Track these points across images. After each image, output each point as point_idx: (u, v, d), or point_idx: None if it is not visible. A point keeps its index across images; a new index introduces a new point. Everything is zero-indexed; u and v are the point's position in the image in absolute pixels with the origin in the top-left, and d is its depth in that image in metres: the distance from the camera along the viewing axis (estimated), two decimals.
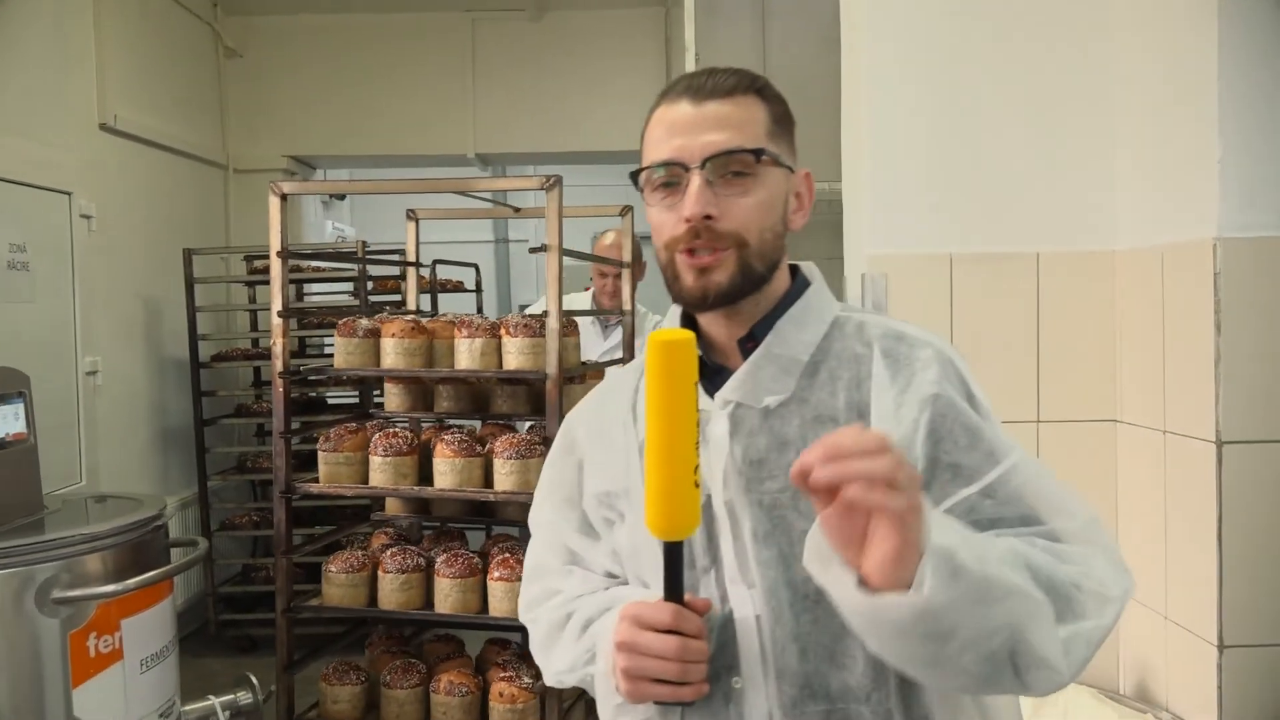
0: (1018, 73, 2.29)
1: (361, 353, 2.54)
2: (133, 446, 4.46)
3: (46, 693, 1.97)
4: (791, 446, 1.08)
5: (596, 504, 1.22)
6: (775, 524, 1.08)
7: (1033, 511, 1.03)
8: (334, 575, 2.52)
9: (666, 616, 1.02)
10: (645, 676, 1.03)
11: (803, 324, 1.14)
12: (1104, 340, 2.30)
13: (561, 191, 2.42)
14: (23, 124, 3.67)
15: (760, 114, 1.11)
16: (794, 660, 1.07)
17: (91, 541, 2.03)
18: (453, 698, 2.44)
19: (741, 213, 1.08)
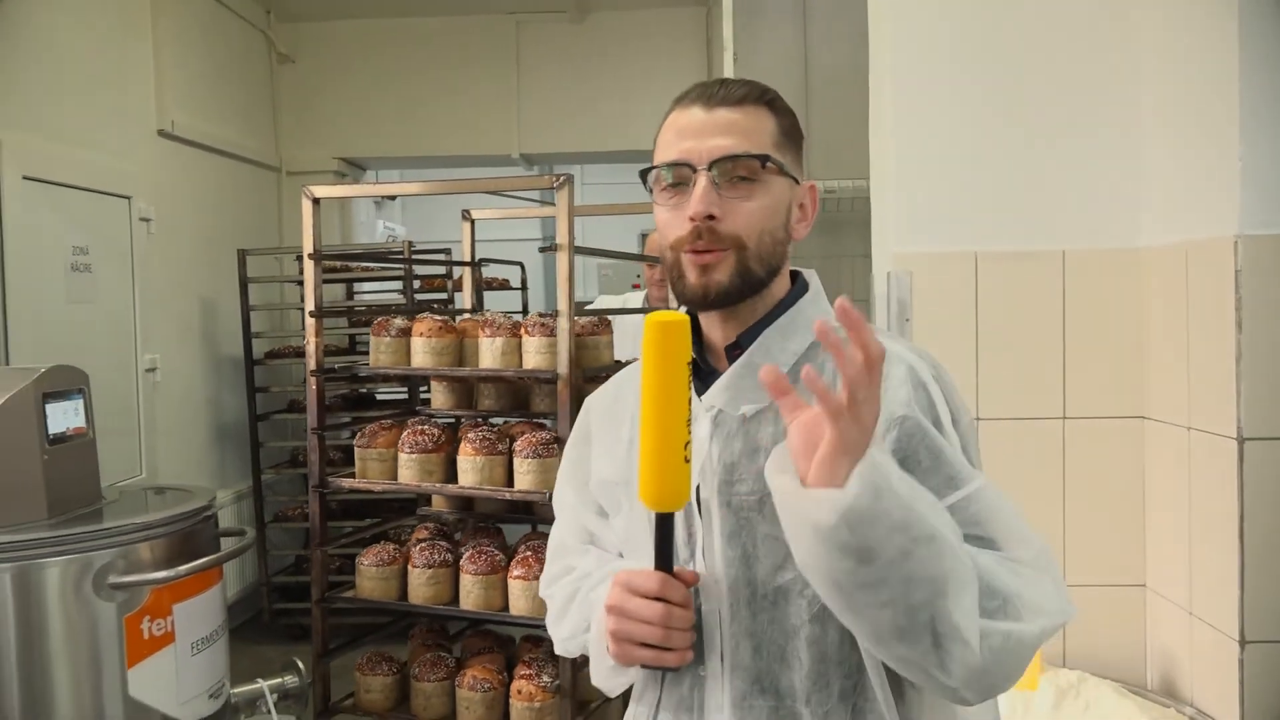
0: (1043, 72, 2.30)
1: (393, 351, 2.57)
2: (190, 441, 4.63)
3: (104, 672, 2.09)
4: (762, 452, 1.11)
5: (601, 490, 1.27)
6: (741, 525, 1.12)
7: (989, 536, 1.05)
8: (365, 568, 2.57)
9: (654, 584, 1.06)
10: (631, 640, 1.08)
11: (789, 333, 1.17)
12: (1131, 337, 2.31)
13: (572, 190, 2.44)
14: (86, 133, 3.83)
15: (769, 124, 1.15)
16: (747, 656, 1.12)
17: (145, 530, 2.14)
18: (475, 692, 2.47)
19: (743, 216, 1.11)
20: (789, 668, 1.11)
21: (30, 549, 2.03)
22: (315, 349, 2.64)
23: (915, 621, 0.94)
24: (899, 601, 0.93)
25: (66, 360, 2.37)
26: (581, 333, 2.55)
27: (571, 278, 2.41)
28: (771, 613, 1.11)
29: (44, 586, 2.04)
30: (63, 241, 3.58)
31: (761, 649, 1.11)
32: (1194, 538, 2.11)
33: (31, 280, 3.37)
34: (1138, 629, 2.30)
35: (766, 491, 1.07)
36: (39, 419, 2.14)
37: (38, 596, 2.03)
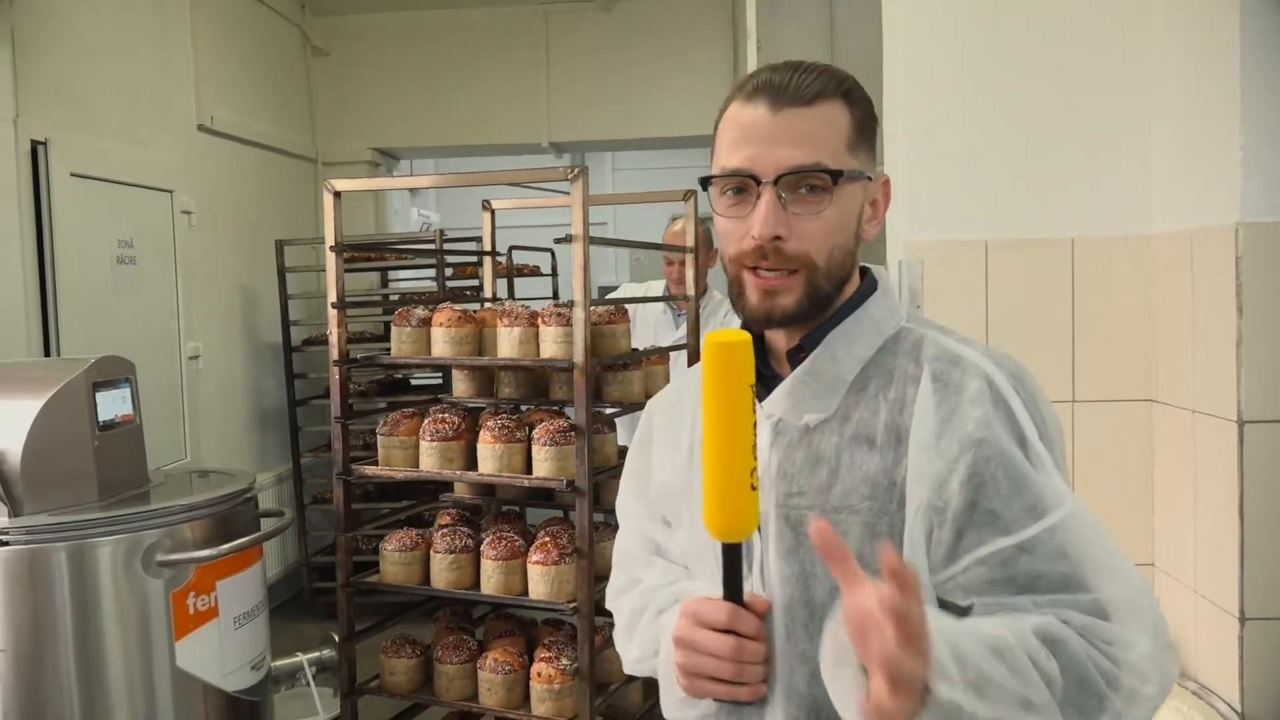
0: (1053, 62, 2.35)
1: (414, 341, 2.58)
2: (232, 425, 4.78)
3: (153, 644, 2.21)
4: (824, 465, 1.04)
5: (662, 497, 1.21)
6: (800, 541, 1.04)
7: (1077, 573, 0.95)
8: (389, 553, 2.60)
9: (723, 616, 1.00)
10: (701, 674, 1.02)
11: (855, 338, 1.08)
12: (1139, 322, 2.36)
13: (587, 181, 2.41)
14: (129, 129, 3.97)
15: (843, 122, 1.04)
16: (802, 682, 1.03)
17: (190, 511, 2.27)
18: (496, 674, 2.50)
19: (812, 234, 1.02)
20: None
21: (83, 529, 2.16)
22: (338, 339, 2.65)
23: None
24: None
25: (113, 349, 2.50)
26: (599, 321, 2.57)
27: (587, 267, 2.41)
28: None
29: (96, 564, 2.16)
30: (108, 235, 3.72)
31: (818, 676, 0.98)
32: (1198, 518, 2.17)
33: (80, 273, 3.51)
34: None
35: (827, 506, 1.03)
36: (90, 407, 2.26)
37: (90, 573, 2.16)
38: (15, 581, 2.11)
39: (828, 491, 1.04)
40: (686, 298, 3.02)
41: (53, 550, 2.12)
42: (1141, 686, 0.93)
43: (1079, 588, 0.94)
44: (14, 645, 2.11)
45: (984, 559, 0.97)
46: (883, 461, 1.02)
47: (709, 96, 5.74)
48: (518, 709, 2.52)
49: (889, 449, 1.02)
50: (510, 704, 2.52)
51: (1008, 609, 0.95)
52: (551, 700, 2.47)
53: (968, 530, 0.98)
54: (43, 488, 2.18)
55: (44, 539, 2.12)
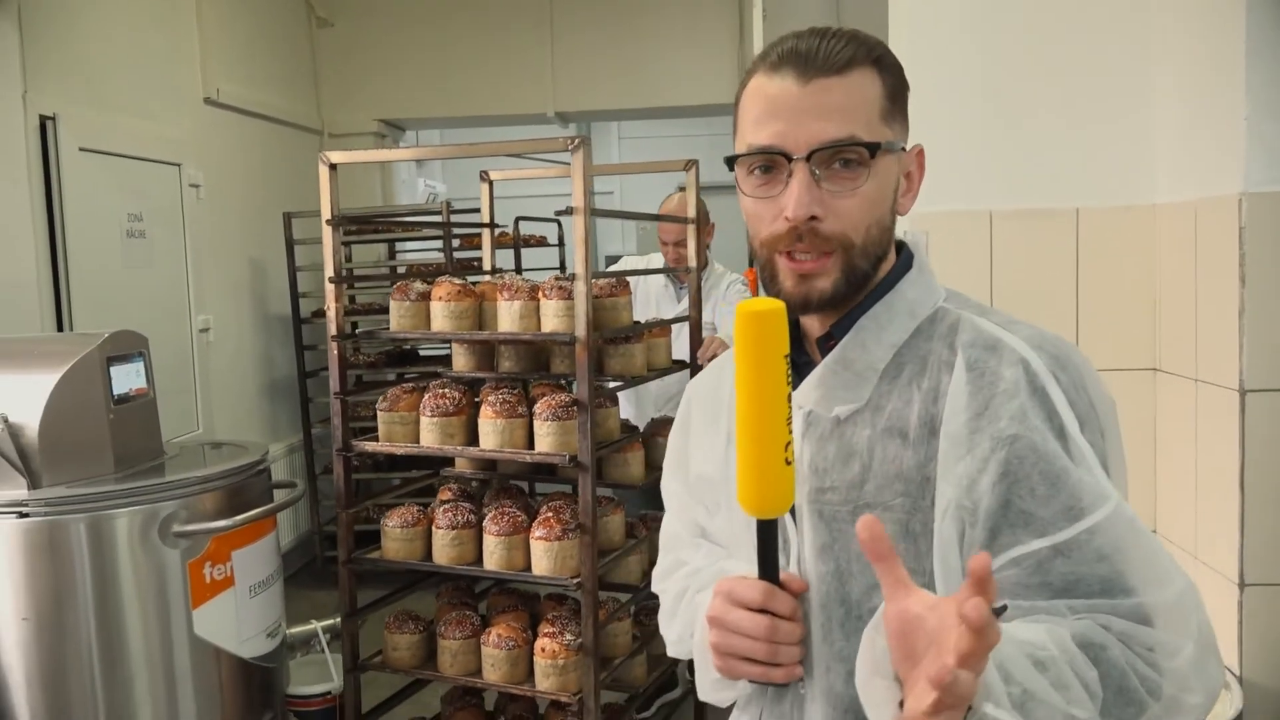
0: (1057, 31, 2.34)
1: (412, 315, 2.53)
2: (243, 397, 4.83)
3: (171, 613, 2.26)
4: (857, 459, 1.00)
5: (700, 484, 1.18)
6: (835, 537, 1.00)
7: (1117, 577, 0.89)
8: (390, 529, 2.55)
9: (758, 595, 0.96)
10: (736, 654, 0.99)
11: (886, 322, 1.01)
12: (1143, 292, 2.37)
13: (588, 151, 2.35)
14: (136, 103, 3.98)
15: (875, 91, 0.97)
16: (839, 682, 0.99)
17: (205, 483, 2.31)
18: (500, 650, 2.47)
19: (849, 212, 0.96)
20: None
21: (100, 500, 2.20)
22: (336, 314, 2.60)
23: None
24: None
25: (124, 323, 2.53)
26: (600, 294, 2.52)
27: (588, 240, 2.36)
28: None
29: (114, 535, 2.21)
30: (118, 209, 3.74)
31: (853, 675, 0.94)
32: (1200, 486, 2.19)
33: (90, 248, 3.54)
34: None
35: (861, 503, 0.98)
36: (104, 381, 2.30)
37: (109, 544, 2.21)
38: (36, 552, 2.16)
39: (860, 487, 0.99)
40: (689, 270, 2.98)
41: (71, 522, 2.17)
42: (1184, 695, 0.88)
43: (1119, 592, 0.89)
44: (36, 614, 2.16)
45: (1018, 560, 0.91)
46: (916, 455, 0.97)
47: (715, 65, 5.74)
48: (521, 684, 2.50)
49: (922, 442, 0.97)
50: (514, 679, 2.50)
51: (1044, 613, 0.89)
52: (555, 675, 2.45)
53: (1001, 531, 0.92)
54: (59, 461, 2.22)
55: (62, 511, 2.16)
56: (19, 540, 2.14)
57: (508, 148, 2.68)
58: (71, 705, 2.19)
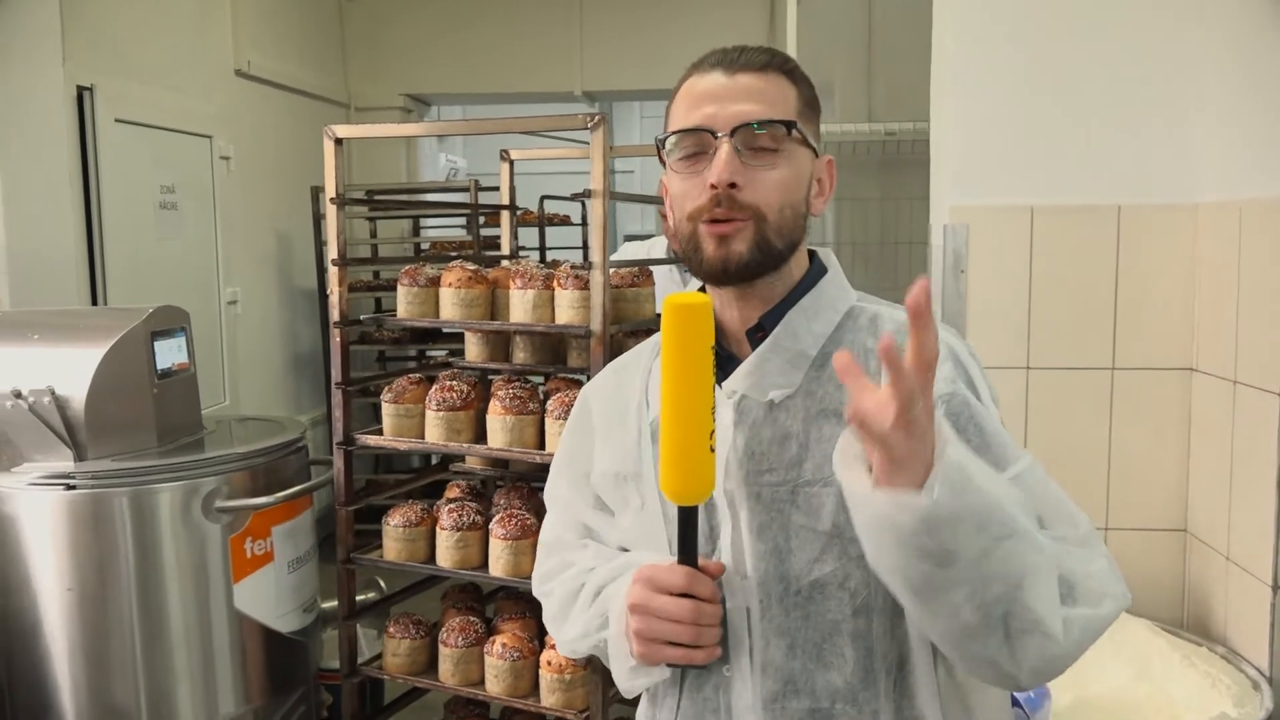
0: (1104, 27, 2.33)
1: (421, 302, 2.38)
2: (269, 369, 4.86)
3: (211, 587, 2.30)
4: (794, 440, 1.07)
5: (605, 484, 1.21)
6: (772, 517, 1.06)
7: (1038, 514, 0.99)
8: (392, 528, 2.41)
9: (680, 579, 1.02)
10: (658, 639, 1.03)
11: (814, 315, 1.11)
12: (1183, 291, 2.37)
13: (608, 130, 2.19)
14: (169, 75, 3.99)
15: (791, 92, 1.10)
16: (779, 655, 1.06)
17: (246, 459, 2.34)
18: (504, 661, 2.32)
19: (765, 186, 1.06)
20: (827, 667, 1.05)
21: (145, 475, 2.23)
22: (339, 299, 2.42)
23: (990, 616, 0.91)
24: (976, 597, 0.90)
25: (157, 295, 2.56)
26: (620, 284, 2.36)
27: (606, 225, 2.19)
28: (806, 609, 1.05)
29: (157, 509, 2.24)
30: (151, 181, 3.76)
31: (796, 648, 1.06)
32: (1235, 487, 2.20)
33: (125, 219, 3.56)
34: (1176, 572, 2.40)
35: (800, 481, 1.05)
36: (149, 355, 2.32)
37: (152, 518, 2.24)
38: (80, 524, 2.19)
39: (799, 466, 1.06)
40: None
41: (116, 495, 2.20)
42: (1104, 586, 0.99)
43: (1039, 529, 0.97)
44: (80, 585, 2.19)
45: None
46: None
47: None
48: (525, 698, 2.33)
49: None
50: (517, 692, 2.33)
51: None
52: (561, 691, 2.28)
53: None
54: (104, 434, 2.25)
55: (109, 484, 2.19)
56: (65, 512, 2.18)
57: (526, 124, 2.51)
58: (112, 676, 2.23)
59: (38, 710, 2.22)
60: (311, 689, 2.64)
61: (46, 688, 2.22)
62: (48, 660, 2.22)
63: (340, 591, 2.48)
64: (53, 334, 2.32)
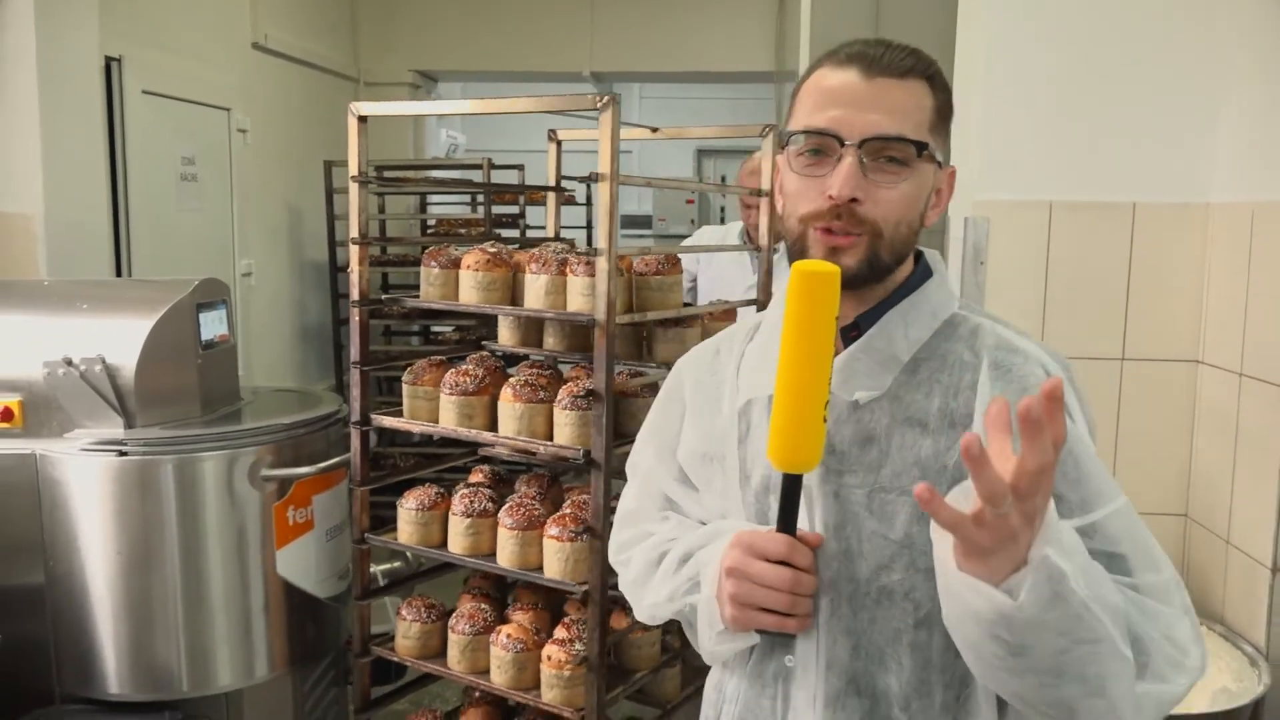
0: (1126, 30, 2.41)
1: (442, 284, 2.35)
2: (279, 341, 4.91)
3: (251, 553, 2.37)
4: (875, 444, 1.06)
5: (691, 462, 1.21)
6: (847, 518, 1.06)
7: (1123, 559, 0.98)
8: (406, 511, 2.40)
9: (780, 546, 1.02)
10: (753, 604, 1.03)
11: (911, 320, 1.09)
12: (1192, 287, 2.47)
13: (617, 112, 2.09)
14: (189, 45, 4.01)
15: (928, 103, 1.05)
16: (844, 654, 1.06)
17: (291, 430, 2.40)
18: (507, 652, 2.29)
19: (885, 203, 1.03)
20: (887, 670, 1.05)
21: (190, 443, 2.29)
22: (359, 278, 2.38)
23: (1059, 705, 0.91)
24: (1046, 690, 0.90)
25: (177, 266, 2.61)
26: (645, 271, 2.29)
27: (614, 210, 2.10)
28: (874, 612, 1.05)
29: (202, 477, 2.30)
30: (174, 153, 3.80)
31: (860, 649, 1.06)
32: (1237, 474, 2.31)
33: (148, 190, 3.59)
34: (1176, 555, 2.51)
35: (876, 486, 1.05)
36: (194, 327, 2.38)
37: (198, 485, 2.30)
38: (130, 489, 2.25)
39: (877, 470, 1.05)
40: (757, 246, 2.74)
41: (163, 462, 2.26)
42: (1183, 657, 0.96)
43: (1121, 571, 0.97)
44: (128, 549, 2.26)
45: None
46: (935, 444, 1.04)
47: (754, 33, 5.76)
48: (528, 691, 2.29)
49: (941, 433, 1.04)
50: (520, 684, 2.29)
51: None
52: (560, 688, 2.22)
53: None
54: (153, 402, 2.31)
55: (159, 451, 2.25)
56: (115, 477, 2.24)
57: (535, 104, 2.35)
58: (155, 637, 2.30)
59: (82, 668, 2.29)
60: (340, 654, 2.72)
61: (92, 647, 2.29)
62: (94, 620, 2.28)
63: (355, 573, 2.48)
64: (101, 304, 2.37)
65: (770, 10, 5.57)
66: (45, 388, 2.25)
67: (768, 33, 5.59)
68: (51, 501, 2.25)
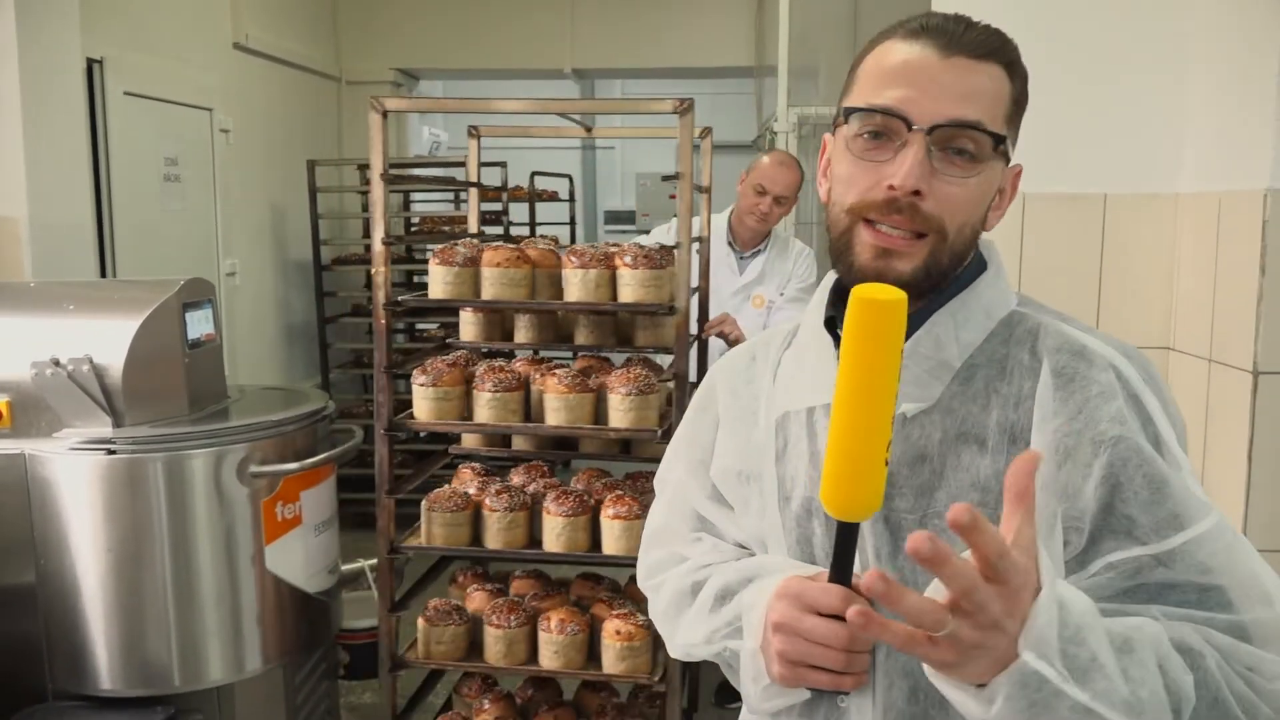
0: (1094, 27, 2.46)
1: (461, 282, 2.39)
2: (264, 340, 4.93)
3: (241, 548, 2.39)
4: (927, 464, 0.94)
5: (725, 479, 1.10)
6: (899, 546, 0.95)
7: (1218, 590, 0.84)
8: (436, 514, 2.45)
9: (836, 601, 0.87)
10: (805, 662, 0.91)
11: (964, 320, 0.96)
12: (1163, 275, 2.52)
13: (694, 117, 2.25)
14: (171, 46, 4.02)
15: (1006, 91, 0.94)
16: (901, 699, 0.95)
17: (279, 427, 2.43)
18: (564, 636, 2.42)
19: (953, 200, 0.91)
20: (948, 715, 0.91)
21: (178, 441, 2.32)
22: (384, 279, 2.38)
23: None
24: None
25: (161, 267, 2.63)
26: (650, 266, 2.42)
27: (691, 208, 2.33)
28: None
29: (191, 474, 2.32)
30: (156, 153, 3.81)
31: (919, 691, 0.94)
32: (1208, 457, 2.36)
33: (132, 191, 3.61)
34: None
35: (931, 511, 0.93)
36: (181, 326, 2.40)
37: (185, 483, 2.32)
38: (118, 488, 2.27)
39: (930, 494, 0.94)
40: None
41: (151, 460, 2.28)
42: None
43: (1218, 606, 0.84)
44: (118, 546, 2.28)
45: (1115, 564, 0.87)
46: (995, 464, 0.92)
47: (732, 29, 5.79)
48: (583, 669, 2.48)
49: (1001, 450, 0.92)
50: (577, 665, 2.48)
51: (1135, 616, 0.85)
52: (631, 658, 2.42)
53: (1102, 536, 0.88)
54: (141, 401, 2.33)
55: (147, 449, 2.27)
56: (104, 476, 2.26)
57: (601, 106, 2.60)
58: (146, 634, 2.32)
59: (75, 665, 2.31)
60: (330, 648, 2.75)
61: (84, 643, 2.31)
62: (85, 617, 2.30)
63: (381, 583, 2.52)
64: (87, 305, 2.39)
65: (749, 5, 5.61)
66: (33, 388, 2.27)
67: (747, 28, 5.63)
68: (41, 500, 2.27)
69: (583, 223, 7.82)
